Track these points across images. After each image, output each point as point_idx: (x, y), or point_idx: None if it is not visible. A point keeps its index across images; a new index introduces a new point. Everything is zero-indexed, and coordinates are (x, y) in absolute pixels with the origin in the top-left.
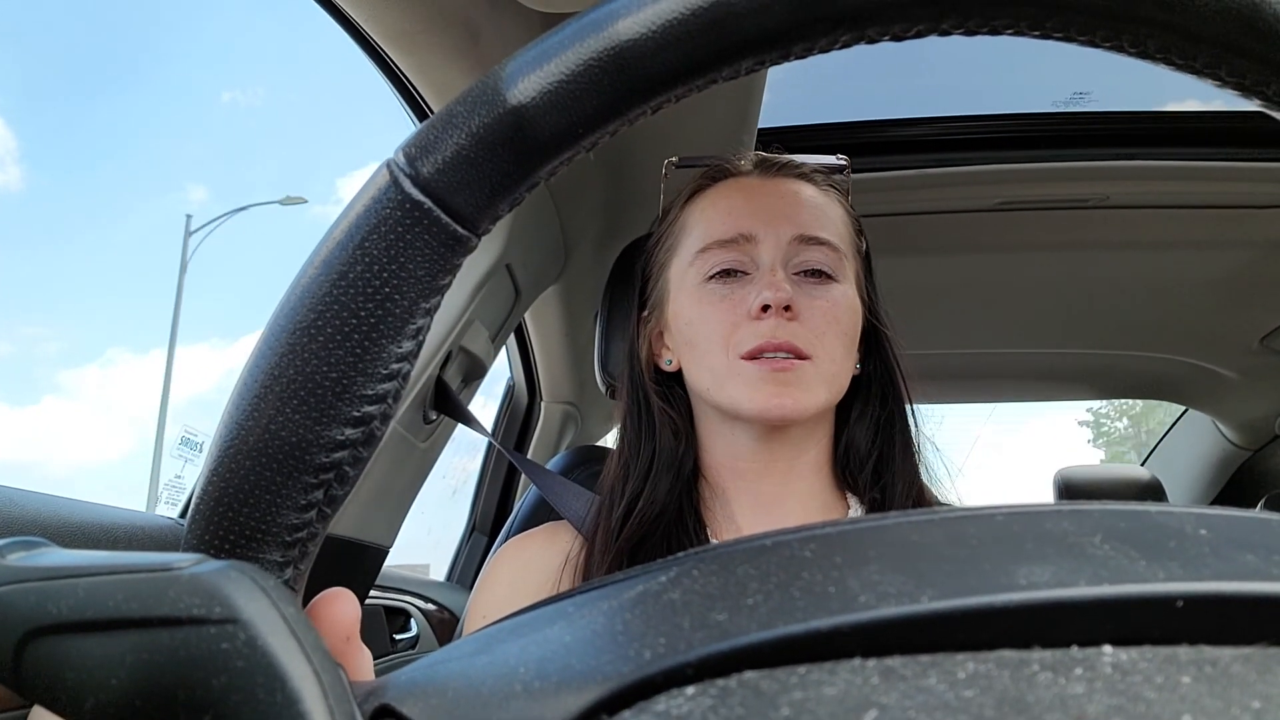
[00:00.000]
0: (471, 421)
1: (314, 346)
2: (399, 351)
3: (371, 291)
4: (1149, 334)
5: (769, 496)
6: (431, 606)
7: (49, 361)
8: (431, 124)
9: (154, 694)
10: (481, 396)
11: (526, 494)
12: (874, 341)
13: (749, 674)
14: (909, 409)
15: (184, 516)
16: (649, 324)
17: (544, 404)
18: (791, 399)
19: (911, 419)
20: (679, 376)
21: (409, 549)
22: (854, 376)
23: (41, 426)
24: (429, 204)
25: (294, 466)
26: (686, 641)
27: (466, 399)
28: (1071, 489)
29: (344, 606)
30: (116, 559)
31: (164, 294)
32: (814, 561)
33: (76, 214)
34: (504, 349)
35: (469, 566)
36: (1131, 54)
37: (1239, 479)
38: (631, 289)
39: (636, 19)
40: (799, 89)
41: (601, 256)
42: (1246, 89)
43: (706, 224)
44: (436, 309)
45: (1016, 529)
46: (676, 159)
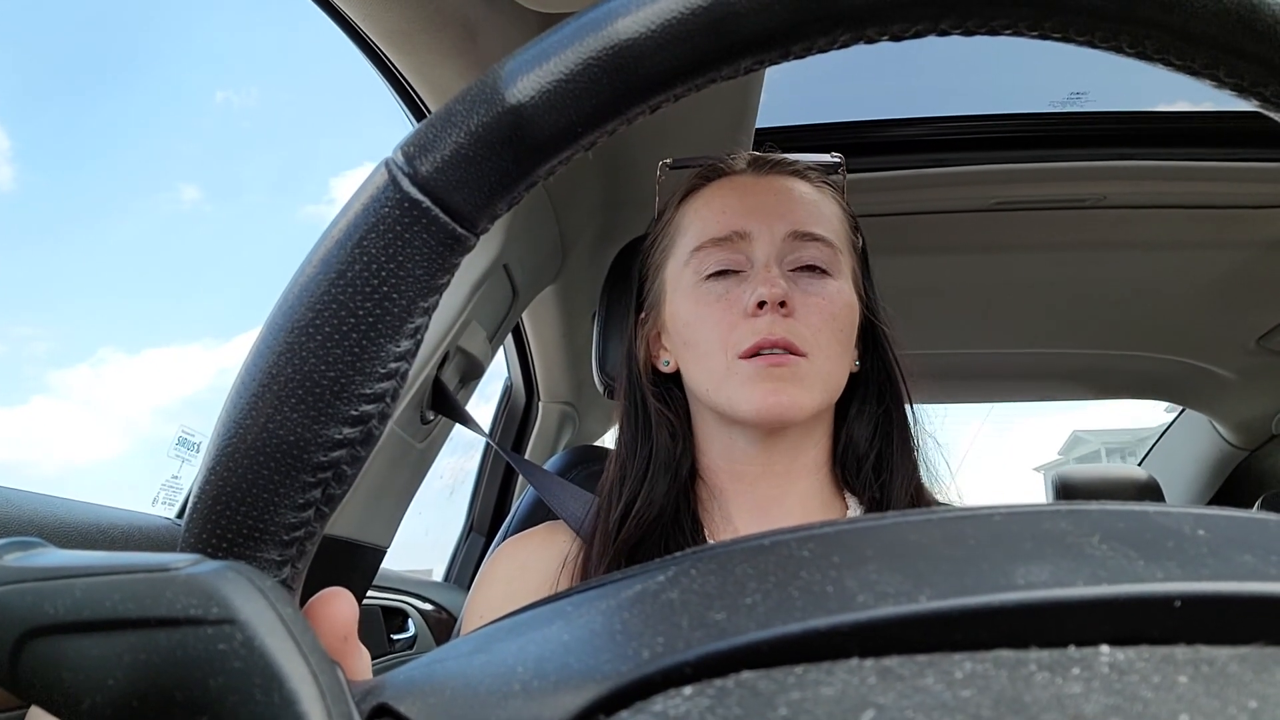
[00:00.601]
0: (469, 422)
1: (312, 345)
2: (397, 350)
3: (370, 290)
4: (1146, 334)
5: (767, 499)
6: (429, 606)
7: (38, 361)
8: (430, 123)
9: (151, 694)
10: (476, 397)
11: (524, 494)
12: (872, 339)
13: (746, 674)
14: (908, 406)
15: (181, 517)
16: (646, 325)
17: (541, 404)
18: (788, 396)
19: (910, 417)
20: (677, 378)
21: (411, 552)
22: (852, 374)
23: (30, 426)
24: (427, 203)
25: (292, 465)
26: (685, 641)
27: (464, 399)
28: (1069, 489)
29: (341, 606)
30: (113, 559)
31: (156, 294)
32: (812, 561)
33: (69, 213)
34: (501, 349)
35: (466, 567)
36: (1130, 54)
37: (1236, 479)
38: (629, 289)
39: (636, 18)
40: (796, 89)
41: (599, 256)
42: (1244, 90)
43: (701, 223)
44: (435, 308)
45: (1014, 529)
46: (671, 160)
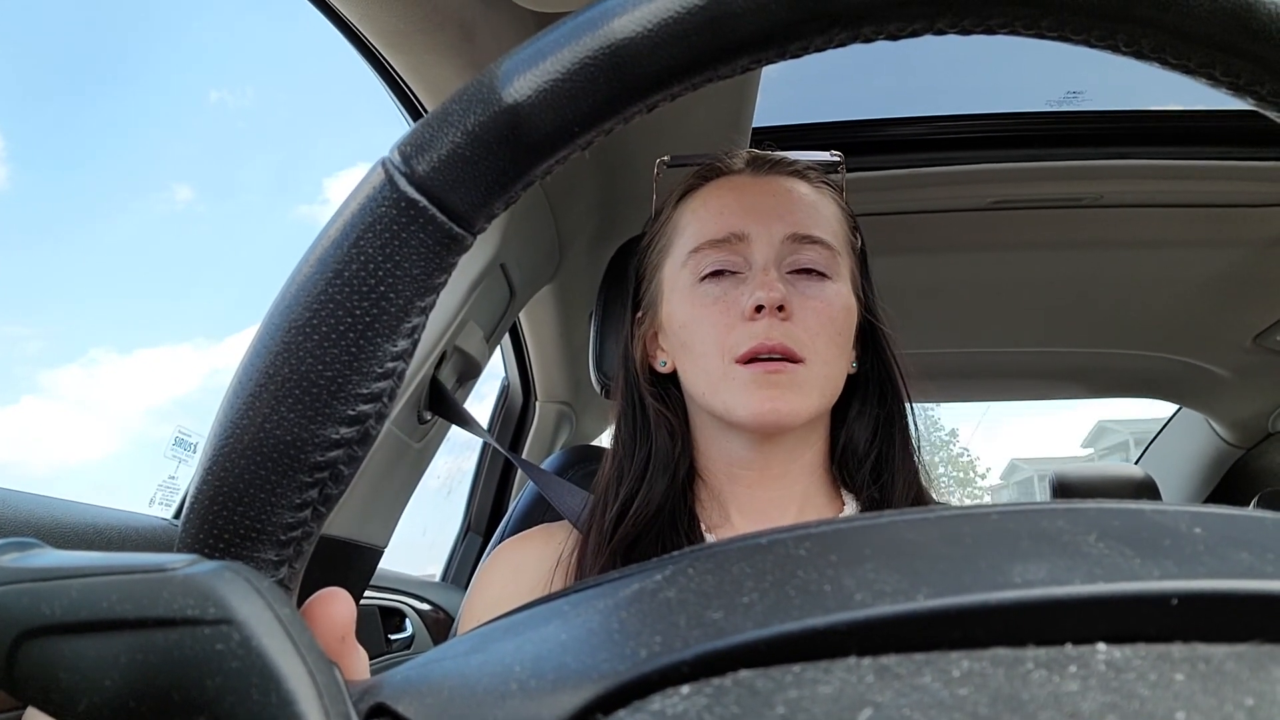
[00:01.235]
0: (466, 422)
1: (309, 345)
2: (394, 350)
3: (366, 290)
4: (1142, 332)
5: (764, 499)
6: (426, 606)
7: (29, 361)
8: (427, 122)
9: (148, 695)
10: (471, 396)
11: (521, 493)
12: (871, 339)
13: (744, 673)
14: (908, 407)
15: (177, 517)
16: (643, 325)
17: (539, 404)
18: (785, 402)
19: (910, 417)
20: (674, 377)
21: (415, 555)
22: (851, 375)
23: (20, 426)
24: (424, 202)
25: (289, 465)
26: (682, 640)
27: (461, 399)
28: (1066, 488)
29: (339, 606)
30: (110, 560)
31: (149, 294)
32: (809, 560)
33: (62, 213)
34: (499, 348)
35: (464, 566)
36: (1126, 53)
37: (1233, 477)
38: (626, 289)
39: (632, 17)
40: (794, 88)
41: (596, 256)
42: (1240, 88)
43: (699, 224)
44: (432, 307)
45: (1011, 527)
46: (668, 158)
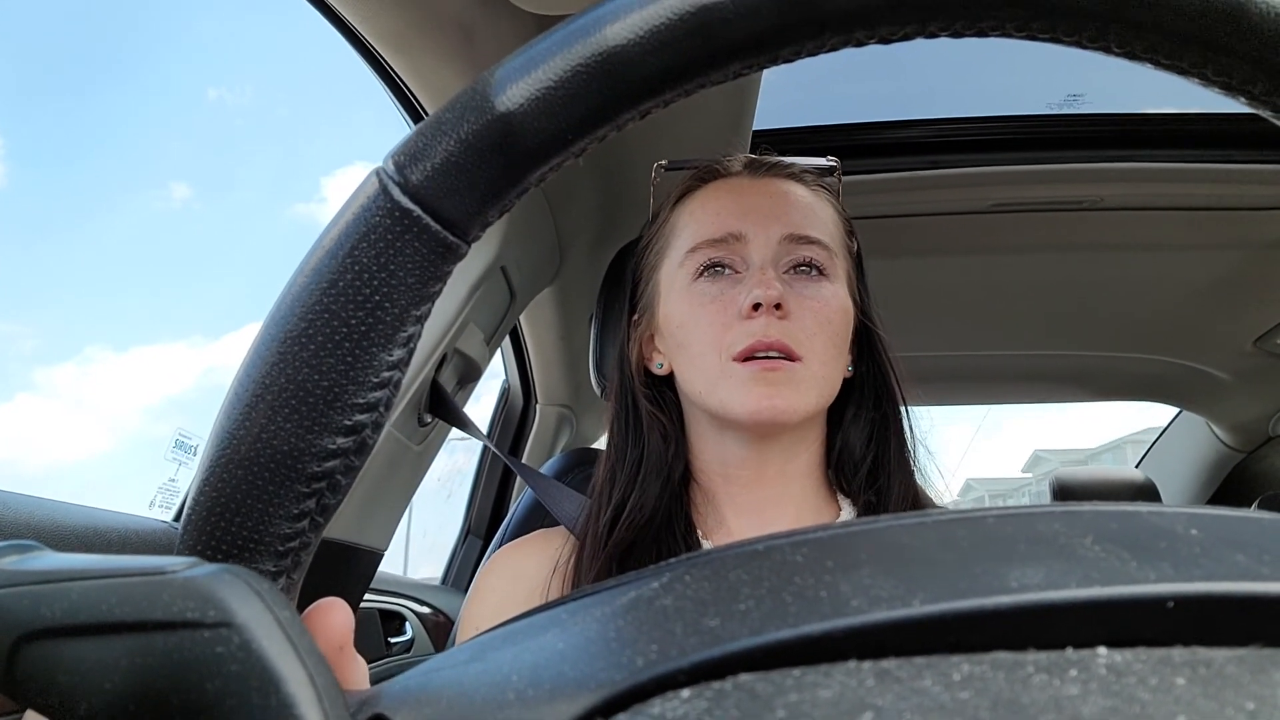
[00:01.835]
0: (466, 425)
1: (305, 355)
2: (390, 359)
3: (362, 300)
4: (1142, 336)
5: (760, 501)
6: (426, 610)
7: (24, 359)
8: (420, 131)
9: (148, 698)
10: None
11: (521, 497)
12: (866, 343)
13: (744, 676)
14: (903, 410)
15: (178, 520)
16: (639, 327)
17: (539, 407)
18: (783, 400)
19: (906, 420)
20: (670, 380)
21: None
22: (847, 379)
23: (14, 424)
24: (418, 211)
25: (286, 476)
26: (679, 648)
27: (461, 402)
28: (1066, 491)
29: (337, 616)
30: (110, 562)
31: (145, 292)
32: (806, 566)
33: (59, 211)
34: (499, 351)
35: (464, 570)
36: (1118, 54)
37: (1233, 481)
38: (626, 291)
39: (624, 24)
40: (793, 91)
41: (596, 259)
42: (1233, 88)
43: (696, 225)
44: (427, 316)
45: (1008, 531)
46: (666, 162)
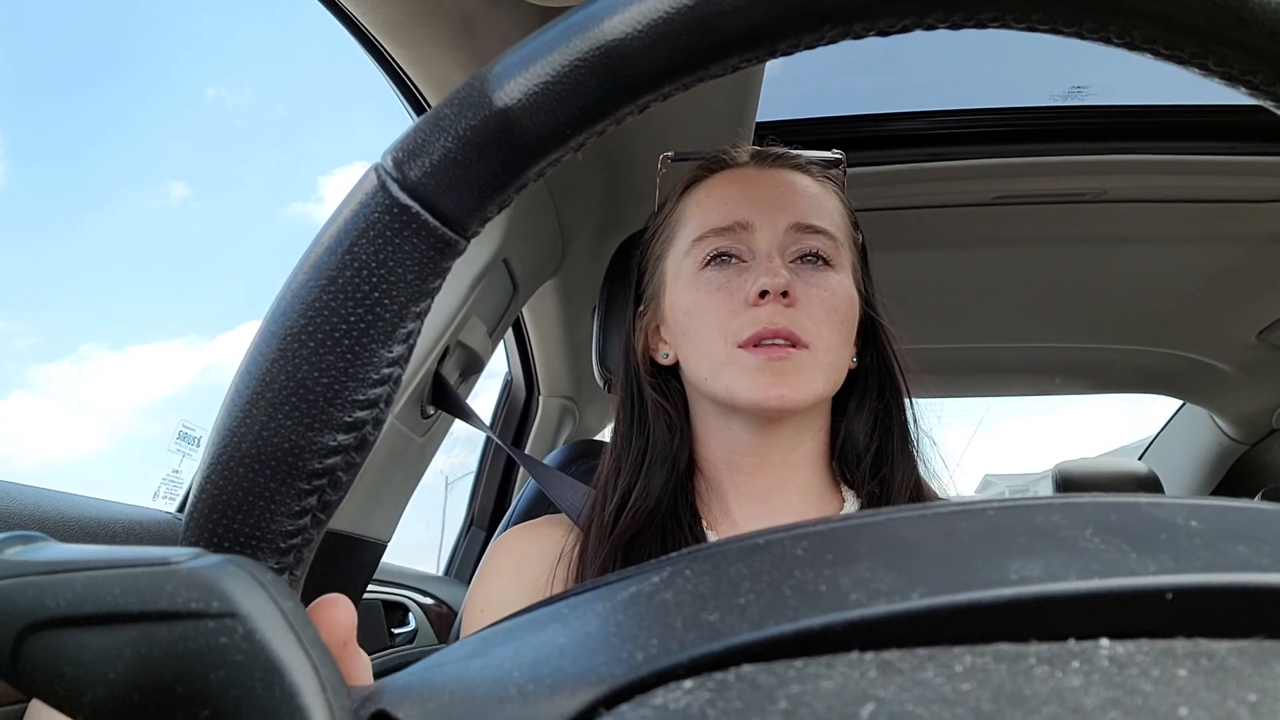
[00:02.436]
0: (469, 416)
1: (304, 352)
2: (390, 356)
3: (361, 296)
4: (1146, 328)
5: (765, 490)
6: (429, 601)
7: (20, 357)
8: (418, 127)
9: (152, 688)
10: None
11: (524, 488)
12: (871, 334)
13: (747, 667)
14: (907, 402)
15: (182, 511)
16: (645, 317)
17: (542, 398)
18: (789, 387)
19: (910, 412)
20: (675, 370)
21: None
22: (851, 370)
23: (10, 421)
24: (417, 208)
25: (287, 473)
26: (679, 642)
27: (464, 393)
28: (1069, 483)
29: (340, 612)
30: (114, 553)
31: (143, 291)
32: (806, 559)
33: (57, 210)
34: (502, 343)
35: (467, 560)
36: (1118, 45)
37: (1236, 473)
38: (629, 283)
39: (622, 18)
40: (797, 82)
41: (599, 250)
42: (1234, 78)
43: (703, 214)
44: (427, 312)
45: (1008, 523)
46: (672, 153)
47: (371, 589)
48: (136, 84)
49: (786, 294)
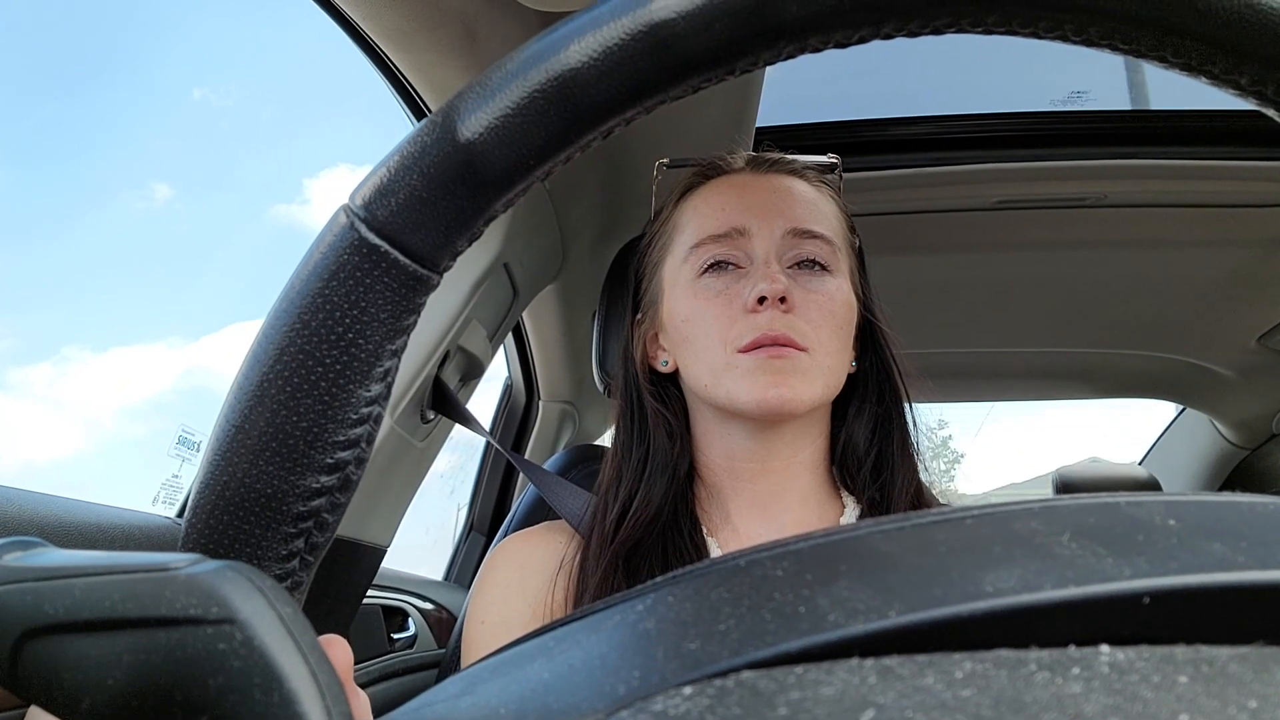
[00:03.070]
0: (469, 421)
1: (281, 397)
2: (368, 395)
3: (335, 339)
4: (1146, 333)
5: (765, 496)
6: (429, 606)
7: None
8: (384, 166)
9: (151, 694)
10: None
11: (524, 493)
12: (870, 338)
13: (746, 674)
14: (907, 406)
15: (181, 516)
16: (643, 325)
17: (542, 403)
18: (789, 388)
19: (909, 416)
20: (675, 378)
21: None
22: (850, 374)
23: None
24: (386, 247)
25: (272, 518)
26: (659, 674)
27: (464, 398)
28: (1069, 487)
29: (337, 652)
30: (113, 559)
31: (125, 292)
32: (785, 581)
33: (38, 212)
34: (502, 348)
35: (467, 565)
36: (1076, 42)
37: (1237, 478)
38: (629, 288)
39: (578, 47)
40: (796, 88)
41: (599, 255)
42: (1193, 69)
43: (700, 220)
44: (403, 349)
45: (985, 532)
46: (668, 160)
47: (371, 594)
48: (121, 85)
49: (784, 300)
